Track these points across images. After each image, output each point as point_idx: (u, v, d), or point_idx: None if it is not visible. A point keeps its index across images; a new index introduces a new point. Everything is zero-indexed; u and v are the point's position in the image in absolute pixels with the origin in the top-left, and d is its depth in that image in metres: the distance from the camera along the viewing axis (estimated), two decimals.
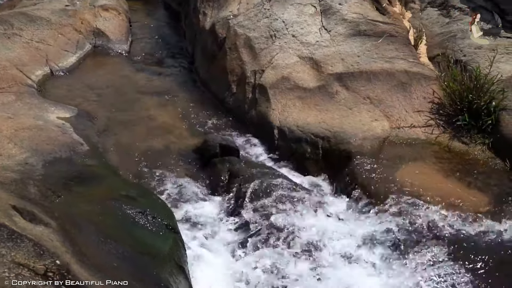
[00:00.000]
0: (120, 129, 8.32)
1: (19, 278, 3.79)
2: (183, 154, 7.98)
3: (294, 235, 6.36)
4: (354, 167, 7.35)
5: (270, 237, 6.33)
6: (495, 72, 8.02)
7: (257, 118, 8.55)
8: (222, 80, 9.47)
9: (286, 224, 6.49)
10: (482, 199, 6.89)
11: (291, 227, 6.46)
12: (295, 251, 6.19)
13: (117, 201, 5.86)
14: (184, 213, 6.78)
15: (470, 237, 6.27)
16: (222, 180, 7.36)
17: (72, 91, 9.24)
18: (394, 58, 8.84)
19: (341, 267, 6.06)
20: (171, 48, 11.45)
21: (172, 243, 5.61)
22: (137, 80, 9.96)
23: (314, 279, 5.87)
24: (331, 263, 6.08)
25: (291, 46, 9.11)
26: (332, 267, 6.03)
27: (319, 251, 6.23)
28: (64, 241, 4.34)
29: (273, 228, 6.43)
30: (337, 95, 8.34)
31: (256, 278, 5.91)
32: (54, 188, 5.65)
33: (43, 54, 9.79)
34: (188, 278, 5.63)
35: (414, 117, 8.13)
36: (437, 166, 7.39)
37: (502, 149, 7.55)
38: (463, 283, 5.72)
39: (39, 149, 6.68)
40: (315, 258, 6.13)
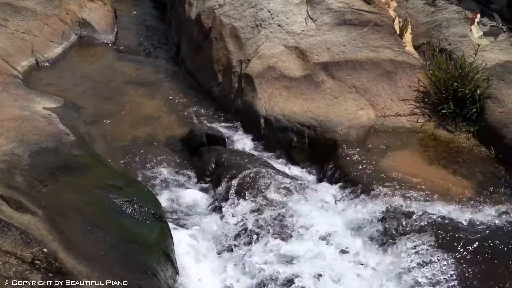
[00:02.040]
0: (107, 119, 8.30)
1: (7, 266, 3.82)
2: (169, 143, 7.99)
3: (281, 223, 6.39)
4: (340, 156, 7.38)
5: (256, 226, 6.35)
6: (479, 60, 8.06)
7: (243, 108, 8.56)
8: (208, 70, 9.46)
9: (272, 213, 6.50)
10: (467, 186, 6.95)
11: (277, 216, 6.48)
12: (281, 239, 6.20)
13: (103, 190, 5.88)
14: (170, 202, 6.79)
15: (455, 224, 6.30)
16: (208, 169, 7.36)
17: (58, 82, 9.21)
18: (380, 47, 8.86)
19: (327, 255, 6.08)
20: (157, 39, 11.42)
21: (159, 231, 5.64)
22: (123, 71, 9.93)
23: (302, 268, 5.88)
24: (318, 252, 6.09)
25: (277, 36, 9.11)
26: (319, 256, 6.05)
27: (305, 240, 6.24)
28: (51, 230, 4.36)
29: (259, 217, 6.45)
30: (323, 84, 8.35)
31: (243, 267, 5.94)
32: (40, 177, 5.65)
33: (29, 45, 9.74)
34: (175, 267, 5.65)
35: (399, 105, 8.17)
36: (423, 154, 7.44)
37: (487, 137, 7.61)
38: (449, 270, 5.75)
39: (26, 140, 6.67)
40: (302, 247, 6.14)
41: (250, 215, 6.49)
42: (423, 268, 5.80)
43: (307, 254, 6.06)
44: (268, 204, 6.61)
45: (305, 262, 5.96)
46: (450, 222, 6.32)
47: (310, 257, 6.04)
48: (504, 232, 6.22)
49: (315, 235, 6.32)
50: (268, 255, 6.02)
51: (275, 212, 6.52)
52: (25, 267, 3.91)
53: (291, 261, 5.97)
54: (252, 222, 6.39)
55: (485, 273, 5.72)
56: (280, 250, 6.07)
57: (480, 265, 5.79)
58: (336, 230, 6.42)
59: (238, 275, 5.90)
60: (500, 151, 7.38)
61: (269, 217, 6.46)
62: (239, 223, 6.44)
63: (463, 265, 5.79)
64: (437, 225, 6.24)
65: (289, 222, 6.42)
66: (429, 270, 5.78)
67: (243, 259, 6.02)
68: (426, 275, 5.74)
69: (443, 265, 5.80)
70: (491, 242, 6.03)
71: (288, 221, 6.44)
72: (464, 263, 5.80)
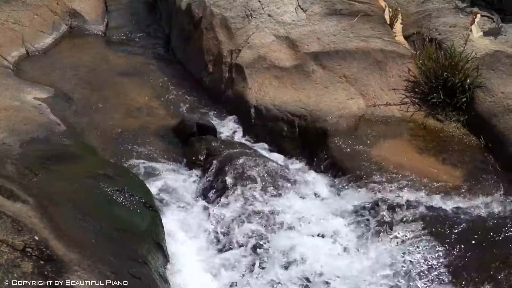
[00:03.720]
0: (97, 109, 8.30)
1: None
2: (160, 133, 7.99)
3: (272, 213, 6.40)
4: (330, 145, 7.40)
5: (247, 215, 6.38)
6: (469, 50, 8.09)
7: (234, 98, 8.57)
8: (199, 60, 9.46)
9: (263, 202, 6.53)
10: (457, 175, 6.99)
11: (268, 205, 6.50)
12: (272, 229, 6.23)
13: (94, 179, 5.88)
14: (161, 191, 6.79)
15: (445, 213, 6.36)
16: (199, 158, 7.38)
17: (48, 72, 9.20)
18: (370, 37, 8.88)
19: (318, 244, 6.12)
20: (148, 29, 11.38)
21: (150, 220, 5.66)
22: (114, 61, 9.92)
23: (292, 258, 5.92)
24: (309, 241, 6.13)
25: (267, 26, 9.12)
26: (310, 245, 6.07)
27: (296, 229, 6.28)
28: (42, 218, 4.37)
29: (250, 206, 6.47)
30: (313, 74, 8.36)
31: (233, 256, 5.98)
32: (31, 167, 5.64)
33: (19, 35, 9.74)
34: (166, 255, 5.67)
35: (389, 95, 8.20)
36: (413, 143, 7.47)
37: (477, 126, 7.64)
38: (439, 258, 5.81)
39: (16, 130, 6.68)
40: (293, 236, 6.18)
41: (240, 205, 6.51)
42: (412, 256, 5.84)
43: (298, 243, 6.07)
44: (259, 193, 6.62)
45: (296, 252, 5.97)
46: (440, 211, 6.37)
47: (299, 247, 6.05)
48: (493, 220, 6.28)
49: (305, 224, 6.35)
50: (258, 245, 6.05)
51: (264, 202, 6.54)
52: (17, 254, 3.92)
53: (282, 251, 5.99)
54: (242, 212, 6.42)
55: (474, 261, 5.78)
56: (270, 240, 6.11)
57: (469, 254, 5.85)
58: (325, 219, 6.45)
59: (227, 264, 5.92)
60: (490, 140, 7.41)
61: (259, 206, 6.48)
62: (228, 213, 6.44)
63: (452, 253, 5.85)
64: (427, 213, 6.29)
65: (280, 212, 6.43)
66: (419, 258, 5.84)
67: (232, 249, 6.07)
68: (415, 263, 5.79)
69: (432, 253, 5.87)
70: (480, 231, 6.10)
71: (279, 210, 6.45)
72: (453, 251, 5.86)
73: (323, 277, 5.71)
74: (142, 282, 4.67)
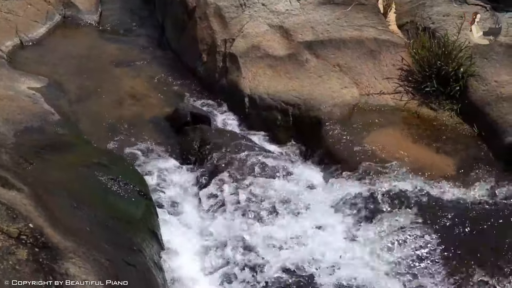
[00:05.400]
0: (91, 98, 8.31)
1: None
2: (154, 122, 8.01)
3: (265, 202, 6.42)
4: (324, 134, 7.42)
5: (240, 204, 6.40)
6: (463, 39, 8.10)
7: (228, 87, 8.57)
8: (193, 49, 9.46)
9: (256, 191, 6.54)
10: (450, 164, 7.03)
11: (262, 194, 6.51)
12: (265, 218, 6.25)
13: (89, 168, 5.89)
14: (155, 180, 6.81)
15: (438, 201, 6.38)
16: (193, 148, 7.38)
17: (42, 62, 9.18)
18: (364, 26, 8.89)
19: (311, 233, 6.13)
20: (141, 19, 11.36)
21: (145, 208, 5.67)
22: (108, 50, 9.91)
23: (285, 246, 5.94)
24: (302, 230, 6.14)
25: (261, 15, 9.12)
26: (303, 234, 6.09)
27: (290, 218, 6.28)
28: (37, 206, 4.38)
29: (243, 195, 6.48)
30: (307, 63, 8.37)
31: (226, 246, 5.99)
32: (26, 156, 5.65)
33: (13, 25, 9.71)
34: (161, 244, 5.70)
35: (383, 84, 8.21)
36: (406, 132, 7.50)
37: (470, 115, 7.67)
38: (432, 246, 5.84)
39: (10, 119, 6.68)
40: (286, 225, 6.19)
41: (233, 194, 6.53)
42: (406, 245, 5.86)
43: (291, 232, 6.10)
44: (252, 182, 6.63)
45: (289, 241, 6.00)
46: (433, 199, 6.39)
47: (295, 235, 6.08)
48: (486, 208, 6.30)
49: (300, 213, 6.37)
50: (251, 234, 6.06)
51: (259, 190, 6.54)
52: (12, 242, 3.94)
53: (275, 240, 6.00)
54: (236, 201, 6.44)
55: (467, 249, 5.81)
56: (263, 229, 6.12)
57: (461, 241, 5.88)
58: (320, 207, 6.46)
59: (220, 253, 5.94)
60: (483, 129, 7.44)
61: (252, 195, 6.50)
62: (222, 201, 6.47)
63: (446, 241, 5.87)
64: (421, 202, 6.31)
65: (274, 201, 6.44)
66: (412, 246, 5.86)
67: (225, 237, 6.07)
68: (409, 251, 5.82)
69: (426, 242, 5.88)
70: (473, 218, 6.13)
71: (273, 199, 6.46)
72: (447, 239, 5.89)
73: (314, 265, 5.72)
74: (137, 270, 4.69)
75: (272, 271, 5.65)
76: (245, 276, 5.66)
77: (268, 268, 5.69)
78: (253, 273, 5.68)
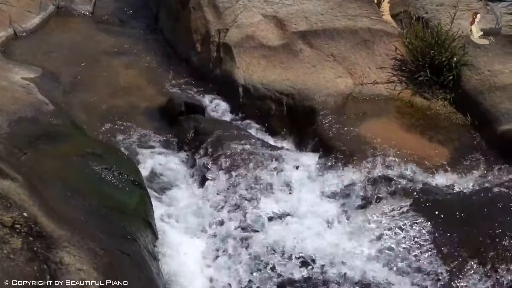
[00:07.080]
0: (85, 89, 8.32)
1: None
2: (148, 112, 8.02)
3: (259, 192, 6.44)
4: (318, 123, 7.44)
5: (235, 194, 6.42)
6: (456, 28, 8.11)
7: (222, 77, 8.58)
8: (187, 39, 9.46)
9: (251, 181, 6.56)
10: (443, 153, 7.05)
11: (256, 184, 6.54)
12: (260, 208, 6.26)
13: (83, 158, 5.88)
14: (149, 170, 6.83)
15: (432, 190, 6.42)
16: (187, 137, 7.39)
17: (36, 52, 9.17)
18: (357, 16, 8.89)
19: (306, 222, 6.15)
20: (135, 9, 11.33)
21: (139, 198, 5.69)
22: (102, 41, 9.90)
23: (280, 235, 5.95)
24: (297, 219, 6.16)
25: (255, 5, 9.11)
26: (297, 223, 6.11)
27: (284, 207, 6.31)
28: (31, 195, 4.38)
29: (238, 185, 6.51)
30: (301, 53, 8.39)
31: (221, 233, 6.02)
32: (20, 146, 5.65)
33: (6, 15, 9.68)
34: (155, 233, 5.71)
35: (377, 73, 8.23)
36: (400, 121, 7.52)
37: (463, 104, 7.70)
38: (425, 234, 5.85)
39: (4, 109, 6.66)
40: (281, 215, 6.22)
41: (227, 184, 6.55)
42: (400, 233, 5.88)
43: (285, 221, 6.14)
44: (247, 172, 6.65)
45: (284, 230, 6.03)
46: (427, 188, 6.43)
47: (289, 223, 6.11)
48: (479, 196, 6.32)
49: (294, 202, 6.40)
50: (246, 223, 6.09)
51: (253, 180, 6.57)
52: (6, 231, 3.95)
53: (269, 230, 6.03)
54: (230, 191, 6.47)
55: (460, 237, 5.82)
56: (258, 219, 6.14)
57: (456, 229, 5.88)
58: (313, 196, 6.49)
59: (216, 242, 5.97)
60: (476, 118, 7.47)
61: (247, 185, 6.52)
62: (217, 192, 6.49)
63: (440, 229, 5.88)
64: (415, 190, 6.33)
65: (268, 190, 6.48)
66: (407, 234, 5.87)
67: (221, 226, 6.11)
68: (403, 239, 5.84)
69: (420, 230, 5.90)
70: (467, 207, 6.14)
71: (267, 189, 6.49)
72: (440, 228, 5.90)
73: (309, 254, 5.74)
74: (132, 259, 4.71)
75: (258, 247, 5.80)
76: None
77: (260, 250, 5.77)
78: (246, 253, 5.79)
